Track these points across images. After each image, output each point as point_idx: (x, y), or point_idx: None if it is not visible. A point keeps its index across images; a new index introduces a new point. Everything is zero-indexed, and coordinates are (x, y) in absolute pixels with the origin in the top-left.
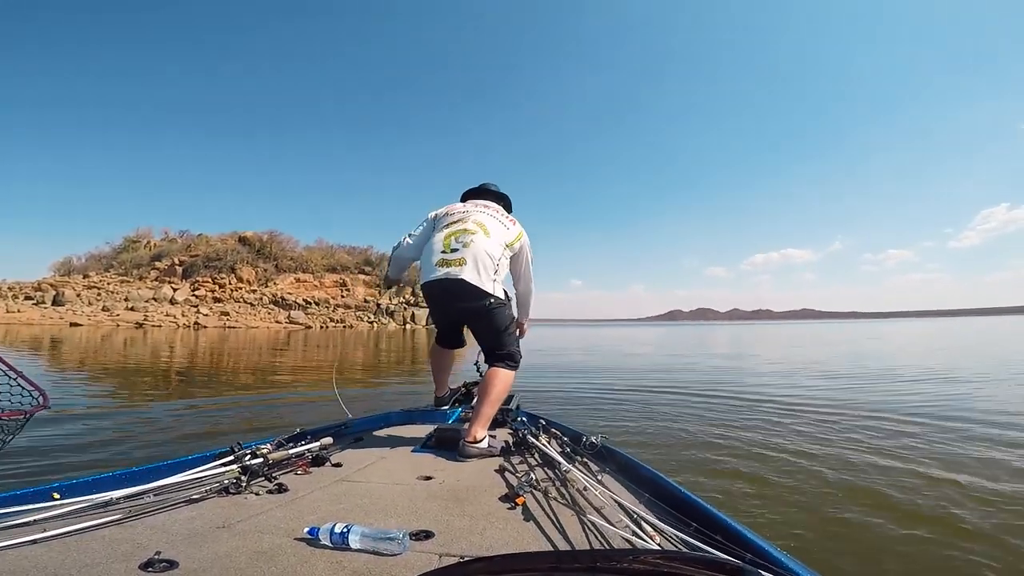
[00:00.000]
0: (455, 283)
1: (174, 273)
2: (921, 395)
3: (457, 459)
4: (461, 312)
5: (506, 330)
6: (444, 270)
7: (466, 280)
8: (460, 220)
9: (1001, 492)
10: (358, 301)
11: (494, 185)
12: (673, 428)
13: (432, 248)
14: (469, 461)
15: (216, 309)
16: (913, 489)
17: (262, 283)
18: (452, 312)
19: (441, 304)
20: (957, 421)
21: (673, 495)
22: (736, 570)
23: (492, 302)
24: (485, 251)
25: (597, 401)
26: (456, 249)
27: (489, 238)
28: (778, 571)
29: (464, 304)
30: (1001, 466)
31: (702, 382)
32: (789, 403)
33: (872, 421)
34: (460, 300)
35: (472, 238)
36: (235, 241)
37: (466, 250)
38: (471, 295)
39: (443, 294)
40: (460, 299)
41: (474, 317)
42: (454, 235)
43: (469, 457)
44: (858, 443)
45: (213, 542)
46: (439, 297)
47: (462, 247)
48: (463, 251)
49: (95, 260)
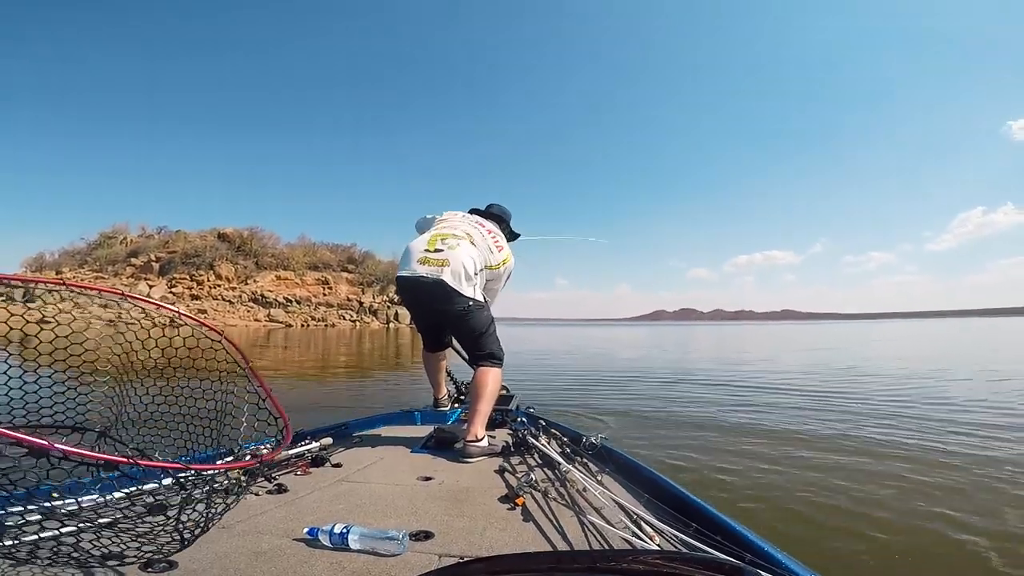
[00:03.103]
0: (435, 284)
1: (151, 270)
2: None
3: (457, 459)
4: (438, 314)
5: (485, 331)
6: (424, 268)
7: (445, 282)
8: (451, 226)
9: (1005, 492)
10: (341, 299)
11: (498, 207)
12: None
13: (413, 247)
14: (468, 462)
15: (193, 307)
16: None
17: (242, 280)
18: (428, 313)
19: (417, 302)
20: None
21: (673, 495)
22: (736, 570)
23: (470, 305)
24: (470, 257)
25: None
26: (440, 250)
27: (475, 248)
28: (778, 571)
29: (441, 306)
30: (1004, 462)
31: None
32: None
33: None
34: (437, 301)
35: (459, 243)
36: (214, 237)
37: (451, 252)
38: (448, 298)
39: (420, 293)
40: (437, 300)
41: (453, 319)
42: (441, 236)
43: (471, 457)
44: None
45: (213, 542)
46: (415, 294)
47: (447, 249)
48: (447, 253)
49: (69, 256)
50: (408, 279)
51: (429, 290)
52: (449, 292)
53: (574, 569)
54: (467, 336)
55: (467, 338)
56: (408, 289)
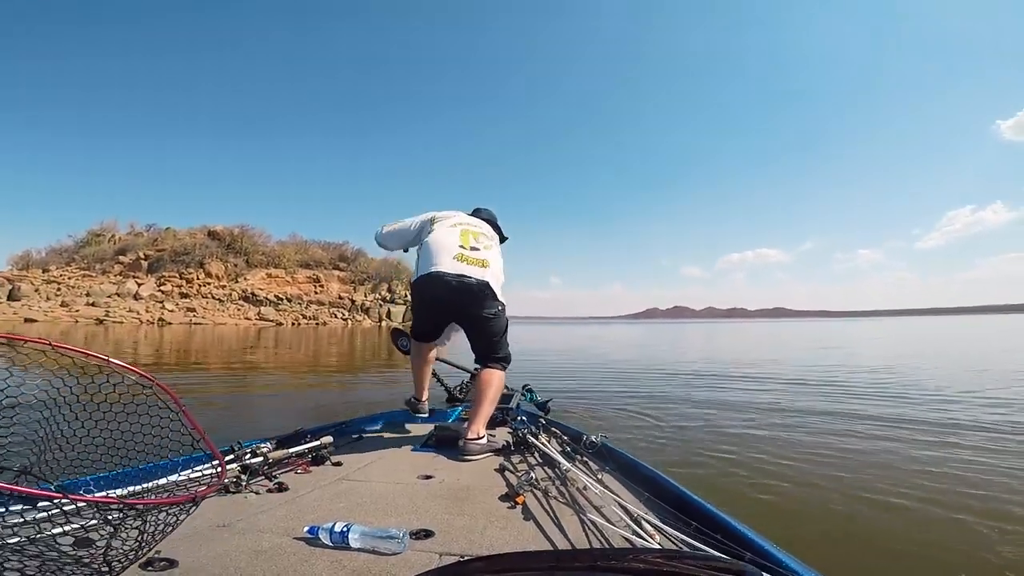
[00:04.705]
0: (479, 285)
1: (139, 268)
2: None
3: (457, 458)
4: (468, 315)
5: (504, 334)
6: (464, 266)
7: (489, 284)
8: (475, 225)
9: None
10: (332, 297)
11: (487, 211)
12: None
13: (445, 241)
14: (469, 461)
15: (182, 305)
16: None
17: (232, 278)
18: (454, 313)
19: (446, 302)
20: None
21: (673, 494)
22: (736, 570)
23: (501, 308)
24: (500, 259)
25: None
26: (477, 248)
27: (499, 256)
28: (779, 571)
29: (475, 309)
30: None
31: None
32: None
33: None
34: (474, 304)
35: (491, 243)
36: (204, 235)
37: (487, 253)
38: (487, 301)
39: (458, 293)
40: (475, 303)
41: (479, 321)
42: (472, 235)
43: (473, 454)
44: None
45: (213, 541)
46: (449, 293)
47: (483, 249)
48: (484, 253)
49: (56, 254)
50: (445, 276)
51: (470, 291)
52: (489, 295)
53: (575, 568)
54: (488, 338)
55: (487, 340)
56: (441, 287)
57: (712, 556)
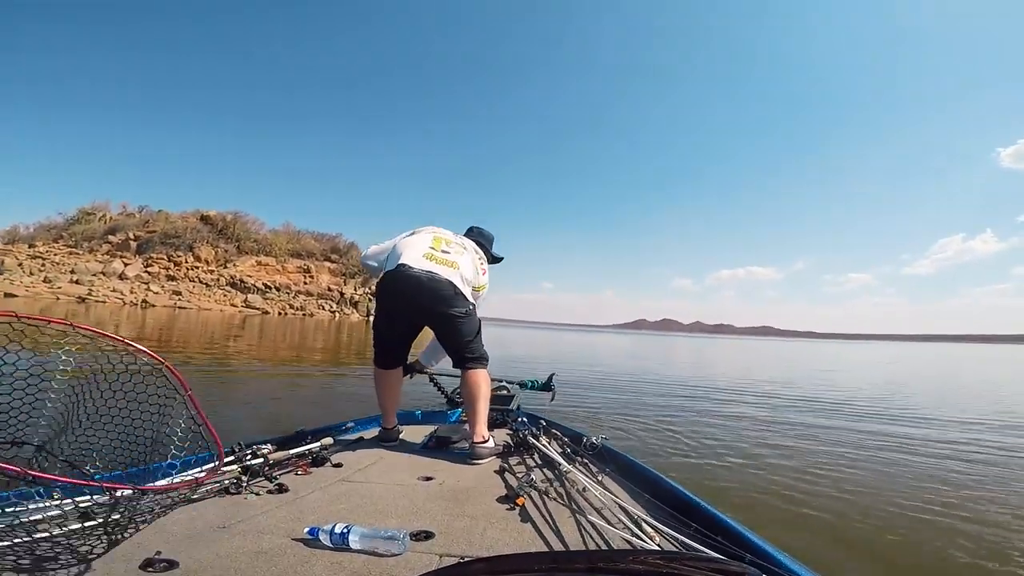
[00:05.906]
0: (444, 284)
1: (128, 248)
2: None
3: (457, 460)
4: (439, 315)
5: (477, 334)
6: (431, 264)
7: (455, 284)
8: (449, 234)
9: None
10: (321, 289)
11: (478, 230)
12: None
13: (415, 243)
14: (478, 463)
15: (168, 288)
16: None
17: (221, 264)
18: (419, 313)
19: (409, 300)
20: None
21: (673, 496)
22: (736, 571)
23: (471, 309)
24: (471, 266)
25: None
26: (448, 252)
27: (471, 262)
28: (779, 572)
29: (441, 308)
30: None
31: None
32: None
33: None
34: (440, 302)
35: (464, 251)
36: (197, 219)
37: (459, 256)
38: (454, 300)
39: (422, 290)
40: (441, 301)
41: (451, 320)
42: (444, 240)
43: (482, 458)
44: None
45: (213, 542)
46: (414, 289)
47: (454, 252)
48: (455, 256)
49: (44, 230)
50: (410, 272)
51: (436, 288)
52: (457, 294)
53: (575, 569)
54: (461, 339)
55: (461, 341)
56: (407, 282)
57: (712, 557)
